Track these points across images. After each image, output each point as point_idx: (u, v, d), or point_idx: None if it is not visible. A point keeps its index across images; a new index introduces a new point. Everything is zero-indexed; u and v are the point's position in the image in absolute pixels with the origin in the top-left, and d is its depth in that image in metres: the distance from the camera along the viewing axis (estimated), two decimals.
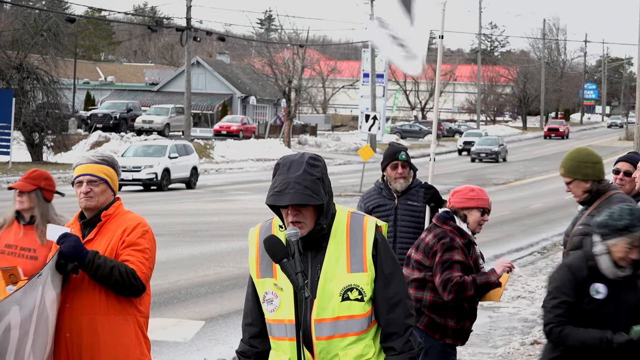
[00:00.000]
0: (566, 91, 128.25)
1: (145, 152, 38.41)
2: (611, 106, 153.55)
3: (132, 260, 5.48)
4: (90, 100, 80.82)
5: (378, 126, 43.89)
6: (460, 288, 6.61)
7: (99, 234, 5.60)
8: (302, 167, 4.25)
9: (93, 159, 5.65)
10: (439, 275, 6.65)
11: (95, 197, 5.60)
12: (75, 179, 5.63)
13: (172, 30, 74.60)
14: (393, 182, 8.19)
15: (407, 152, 8.23)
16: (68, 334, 5.50)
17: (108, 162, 5.68)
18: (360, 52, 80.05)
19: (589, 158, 6.65)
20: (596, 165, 6.64)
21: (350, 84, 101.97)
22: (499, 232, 24.01)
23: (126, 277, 5.42)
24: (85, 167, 5.62)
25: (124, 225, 5.59)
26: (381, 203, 8.23)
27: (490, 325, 12.50)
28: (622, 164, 7.83)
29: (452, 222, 6.78)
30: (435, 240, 6.73)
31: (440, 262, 6.65)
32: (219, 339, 11.96)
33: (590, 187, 6.61)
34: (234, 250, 19.75)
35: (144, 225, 5.62)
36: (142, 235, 5.56)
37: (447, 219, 6.80)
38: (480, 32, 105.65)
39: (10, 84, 48.30)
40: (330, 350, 4.32)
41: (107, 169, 5.66)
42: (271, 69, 67.18)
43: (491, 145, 62.65)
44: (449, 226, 6.76)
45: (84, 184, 5.59)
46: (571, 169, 6.64)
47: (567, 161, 6.68)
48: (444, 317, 6.74)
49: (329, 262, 4.32)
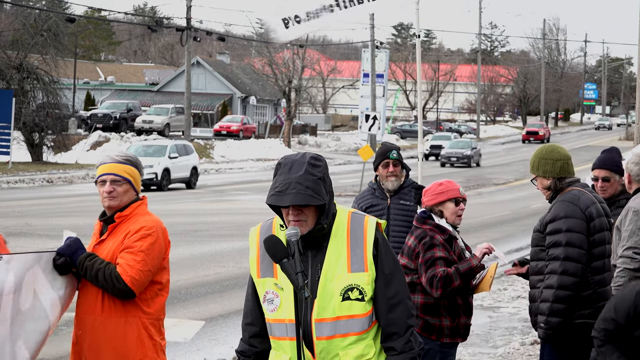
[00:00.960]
0: (566, 91, 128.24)
1: (145, 152, 38.43)
2: (611, 106, 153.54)
3: (121, 263, 5.48)
4: (90, 100, 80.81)
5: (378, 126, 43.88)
6: (446, 281, 6.63)
7: (111, 235, 5.62)
8: (303, 167, 4.26)
9: (117, 159, 5.66)
10: (424, 274, 6.69)
11: (118, 196, 5.62)
12: (99, 178, 5.65)
13: (172, 30, 74.61)
14: (385, 181, 8.27)
15: (398, 151, 8.28)
16: (80, 331, 5.61)
17: (132, 162, 5.70)
18: (360, 52, 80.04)
19: (550, 155, 6.53)
20: (557, 162, 6.51)
21: (350, 84, 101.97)
22: (499, 232, 24.01)
23: (110, 281, 5.43)
24: (109, 167, 5.63)
25: (132, 228, 5.59)
26: (374, 203, 8.29)
27: (490, 325, 12.50)
28: (598, 172, 7.76)
29: (431, 221, 6.83)
30: (416, 242, 6.79)
31: (423, 262, 6.71)
32: (219, 339, 11.96)
33: (550, 184, 6.51)
34: (234, 250, 19.75)
35: (149, 228, 5.59)
36: (142, 239, 5.54)
37: (425, 219, 6.87)
38: (480, 32, 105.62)
39: (10, 84, 48.29)
40: (330, 350, 4.32)
41: (131, 169, 5.68)
42: (271, 69, 67.21)
43: (463, 148, 57.47)
44: (428, 225, 6.82)
45: (107, 183, 5.61)
46: (534, 165, 6.59)
47: (532, 157, 6.63)
48: (439, 317, 6.75)
49: (330, 261, 4.32)
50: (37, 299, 5.39)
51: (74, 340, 5.66)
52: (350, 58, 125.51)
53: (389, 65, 76.09)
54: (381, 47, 74.42)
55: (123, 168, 5.64)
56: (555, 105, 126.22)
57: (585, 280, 6.40)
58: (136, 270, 5.47)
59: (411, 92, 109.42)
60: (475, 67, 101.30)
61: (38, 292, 5.40)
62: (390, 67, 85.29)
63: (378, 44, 72.08)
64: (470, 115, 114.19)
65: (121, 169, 5.64)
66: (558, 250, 6.34)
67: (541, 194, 6.68)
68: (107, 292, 5.48)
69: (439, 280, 6.62)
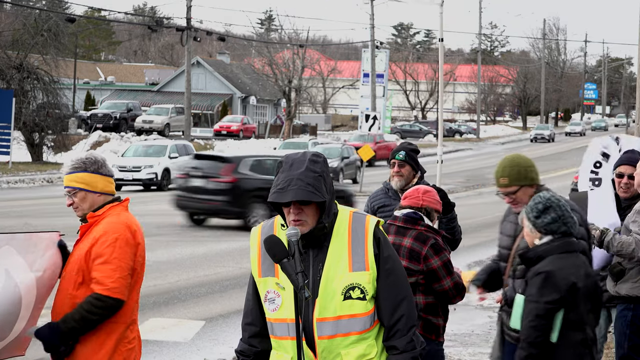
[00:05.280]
0: (566, 91, 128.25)
1: (146, 152, 38.41)
2: (611, 106, 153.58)
3: (98, 277, 5.38)
4: (90, 100, 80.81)
5: (378, 126, 43.91)
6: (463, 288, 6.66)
7: (84, 237, 5.57)
8: (304, 165, 4.27)
9: (67, 170, 5.61)
10: (448, 279, 6.58)
11: (79, 206, 5.58)
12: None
13: (172, 30, 74.55)
14: (391, 180, 8.27)
15: (408, 152, 8.21)
16: None
17: (80, 168, 5.56)
18: (360, 52, 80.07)
19: (530, 162, 6.31)
20: (535, 168, 6.33)
21: (350, 84, 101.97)
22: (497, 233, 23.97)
23: (96, 310, 5.34)
24: (64, 179, 5.63)
25: (98, 231, 5.50)
26: (386, 203, 8.25)
27: (491, 325, 12.49)
28: (625, 168, 7.68)
29: (423, 222, 6.70)
30: (419, 244, 6.58)
31: (442, 266, 6.57)
32: (219, 339, 11.95)
33: (534, 191, 6.23)
34: (234, 250, 19.74)
35: (114, 232, 5.44)
36: (110, 244, 5.42)
37: (417, 219, 6.70)
38: (480, 32, 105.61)
39: (11, 84, 48.27)
40: (332, 350, 4.31)
41: (80, 176, 5.54)
42: (271, 69, 67.22)
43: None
44: (422, 226, 6.67)
45: (67, 196, 5.62)
46: (519, 176, 6.23)
47: (511, 168, 6.26)
48: (436, 316, 6.75)
49: (331, 261, 4.32)
50: (9, 278, 5.30)
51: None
52: (350, 58, 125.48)
53: (389, 65, 76.12)
54: (381, 47, 74.47)
55: (72, 178, 5.56)
56: (555, 105, 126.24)
57: None
58: (115, 278, 5.37)
59: (411, 92, 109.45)
60: (475, 67, 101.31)
61: (11, 271, 5.31)
62: (390, 67, 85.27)
63: (378, 44, 72.11)
64: (470, 115, 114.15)
65: (71, 180, 5.57)
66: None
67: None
68: (104, 319, 5.37)
69: (462, 288, 6.60)
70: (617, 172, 7.73)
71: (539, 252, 5.59)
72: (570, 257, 5.57)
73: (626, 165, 7.67)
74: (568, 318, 5.49)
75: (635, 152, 7.87)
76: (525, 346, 5.48)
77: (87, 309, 5.34)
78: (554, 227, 5.59)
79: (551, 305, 5.45)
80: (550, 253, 5.56)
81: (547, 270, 5.49)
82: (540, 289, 5.47)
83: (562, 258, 5.54)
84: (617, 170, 7.71)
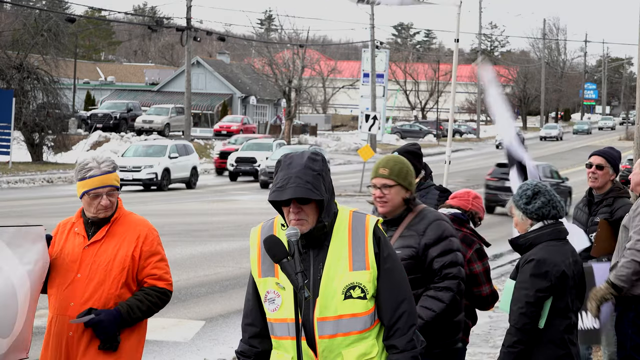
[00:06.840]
0: (566, 91, 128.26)
1: (146, 152, 38.43)
2: (611, 106, 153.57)
3: (159, 274, 5.63)
4: (90, 100, 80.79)
5: (378, 126, 43.91)
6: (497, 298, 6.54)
7: (107, 236, 5.55)
8: (303, 163, 4.27)
9: (106, 169, 5.51)
10: (487, 285, 6.47)
11: (113, 206, 5.57)
12: (91, 192, 5.48)
13: (172, 30, 74.57)
14: None
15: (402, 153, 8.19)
16: (71, 332, 5.49)
17: (115, 168, 5.60)
18: (360, 52, 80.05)
19: (412, 169, 5.79)
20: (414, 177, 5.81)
21: (350, 84, 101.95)
22: (498, 232, 24.00)
23: (161, 304, 5.60)
24: (101, 180, 5.47)
25: (135, 230, 5.58)
26: None
27: (491, 325, 12.49)
28: (594, 158, 7.80)
29: (469, 225, 6.52)
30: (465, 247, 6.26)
31: (483, 272, 6.44)
32: (219, 339, 11.95)
33: (406, 200, 5.71)
34: (234, 250, 19.75)
35: (154, 229, 5.71)
36: (159, 242, 5.69)
37: (464, 221, 6.49)
38: (480, 32, 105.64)
39: (11, 84, 48.29)
40: (333, 349, 4.31)
41: (116, 175, 5.60)
42: (271, 69, 67.19)
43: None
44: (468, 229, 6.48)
45: (103, 196, 5.48)
46: (400, 174, 5.67)
47: (394, 164, 5.70)
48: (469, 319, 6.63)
49: (331, 260, 4.32)
50: (1, 272, 5.28)
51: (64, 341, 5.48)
52: (350, 58, 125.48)
53: (389, 65, 76.11)
54: (381, 47, 74.46)
55: (113, 177, 5.54)
56: (555, 105, 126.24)
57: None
58: (169, 272, 5.71)
59: (411, 92, 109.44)
60: (476, 67, 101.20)
61: (2, 265, 5.29)
62: (390, 67, 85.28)
63: (378, 44, 72.12)
64: (470, 115, 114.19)
65: (113, 179, 5.54)
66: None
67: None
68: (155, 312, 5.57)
69: (497, 297, 6.49)
70: (587, 162, 7.85)
71: (530, 239, 5.64)
72: (559, 244, 5.64)
73: (595, 155, 7.81)
74: (555, 305, 5.56)
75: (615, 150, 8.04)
76: (514, 331, 5.56)
77: (154, 302, 5.57)
78: (544, 212, 5.63)
79: (541, 294, 5.51)
80: (541, 240, 5.62)
81: (538, 258, 5.55)
82: (531, 276, 5.53)
83: (552, 245, 5.60)
84: (588, 161, 7.82)
